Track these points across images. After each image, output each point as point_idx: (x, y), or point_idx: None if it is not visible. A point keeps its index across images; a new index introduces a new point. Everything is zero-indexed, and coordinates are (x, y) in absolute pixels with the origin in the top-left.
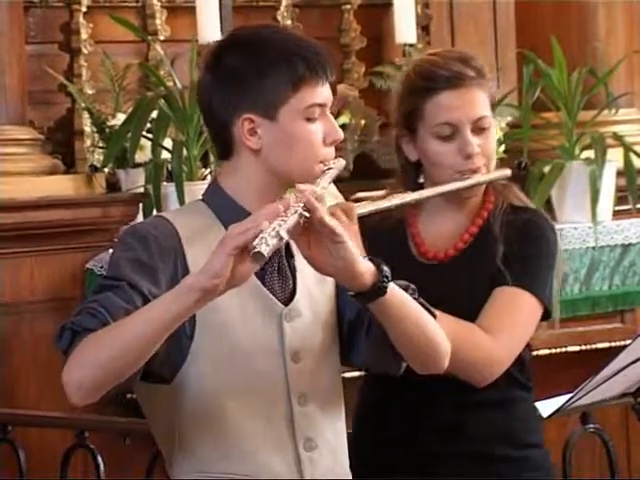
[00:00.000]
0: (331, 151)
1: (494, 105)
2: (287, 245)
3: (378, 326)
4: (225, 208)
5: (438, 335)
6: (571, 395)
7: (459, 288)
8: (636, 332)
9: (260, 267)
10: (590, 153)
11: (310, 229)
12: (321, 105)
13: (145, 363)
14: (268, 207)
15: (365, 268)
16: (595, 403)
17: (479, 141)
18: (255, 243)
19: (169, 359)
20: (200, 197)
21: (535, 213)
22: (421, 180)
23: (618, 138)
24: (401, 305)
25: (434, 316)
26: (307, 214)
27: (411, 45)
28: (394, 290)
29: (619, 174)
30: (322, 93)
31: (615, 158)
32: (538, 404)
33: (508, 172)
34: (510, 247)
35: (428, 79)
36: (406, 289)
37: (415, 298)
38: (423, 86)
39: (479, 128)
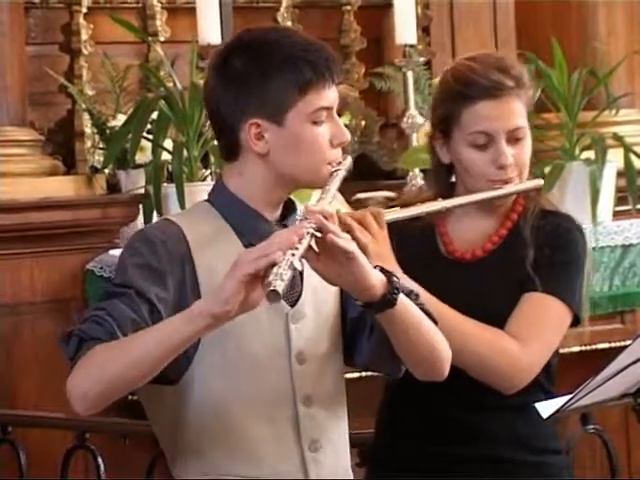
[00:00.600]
0: (338, 153)
1: (530, 112)
2: None
3: (380, 329)
4: (231, 208)
5: (440, 343)
6: (571, 396)
7: (485, 289)
8: (636, 333)
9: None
10: (590, 154)
11: (320, 245)
12: (328, 108)
13: None
14: (281, 235)
15: (376, 280)
16: (595, 404)
17: (513, 151)
18: (271, 279)
19: (176, 362)
20: (205, 198)
21: (565, 218)
22: (452, 179)
23: (618, 139)
24: (407, 315)
25: (435, 322)
26: (318, 234)
27: (411, 46)
28: (402, 301)
29: (619, 175)
30: (329, 96)
31: (615, 159)
32: (537, 405)
33: (541, 182)
34: (540, 252)
35: (466, 86)
36: (409, 294)
37: (418, 304)
38: (460, 93)
39: (514, 138)
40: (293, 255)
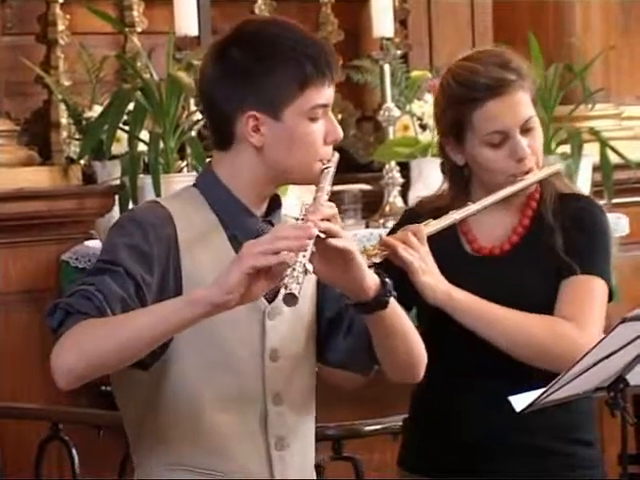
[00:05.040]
0: (330, 150)
1: (535, 100)
2: None
3: (359, 329)
4: (220, 198)
5: (418, 344)
6: (545, 389)
7: (520, 281)
8: (610, 327)
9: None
10: (566, 148)
11: (319, 245)
12: (324, 105)
13: None
14: (287, 232)
15: (372, 282)
16: (569, 397)
17: (528, 141)
18: (287, 281)
19: None
20: (192, 183)
21: (585, 200)
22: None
23: (594, 133)
24: (396, 318)
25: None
26: (323, 235)
27: (388, 39)
28: (392, 304)
29: (595, 169)
30: (326, 94)
31: (591, 153)
32: (511, 398)
33: (560, 167)
34: (568, 236)
35: (470, 88)
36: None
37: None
38: (466, 96)
39: (526, 129)
40: (304, 256)
